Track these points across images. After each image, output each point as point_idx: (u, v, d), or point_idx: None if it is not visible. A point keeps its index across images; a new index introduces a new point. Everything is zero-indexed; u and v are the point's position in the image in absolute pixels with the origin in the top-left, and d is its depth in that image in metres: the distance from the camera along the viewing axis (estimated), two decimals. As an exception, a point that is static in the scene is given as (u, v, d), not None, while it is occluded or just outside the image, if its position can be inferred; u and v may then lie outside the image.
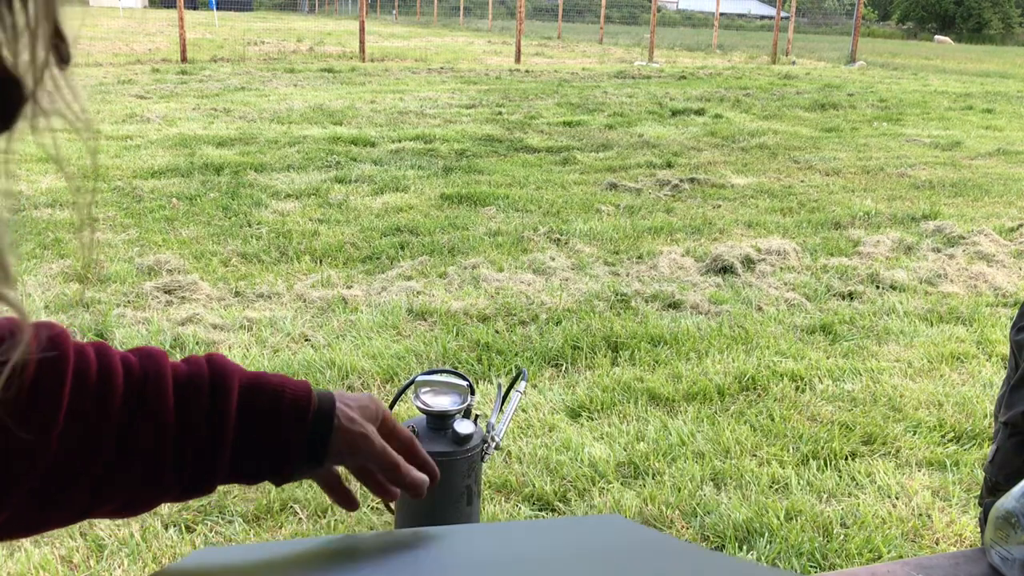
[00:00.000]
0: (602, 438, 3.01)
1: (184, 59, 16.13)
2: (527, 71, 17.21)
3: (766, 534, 2.50)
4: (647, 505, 2.63)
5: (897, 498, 2.73)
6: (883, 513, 2.64)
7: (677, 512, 2.60)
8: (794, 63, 22.24)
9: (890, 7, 71.18)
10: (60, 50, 0.35)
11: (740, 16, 65.30)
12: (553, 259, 4.87)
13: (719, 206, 6.31)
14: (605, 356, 3.67)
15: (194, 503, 2.49)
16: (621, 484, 2.75)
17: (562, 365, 3.60)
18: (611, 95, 12.89)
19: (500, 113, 10.57)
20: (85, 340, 3.50)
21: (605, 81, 15.51)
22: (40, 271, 4.25)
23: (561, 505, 2.62)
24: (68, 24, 0.36)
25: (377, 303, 4.17)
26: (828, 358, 3.73)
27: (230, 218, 5.52)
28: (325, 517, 2.50)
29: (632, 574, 0.61)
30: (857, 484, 2.79)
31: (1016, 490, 1.12)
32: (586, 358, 3.65)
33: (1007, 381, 1.61)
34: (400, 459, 0.71)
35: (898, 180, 7.44)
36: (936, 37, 50.48)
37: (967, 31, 58.85)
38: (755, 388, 3.43)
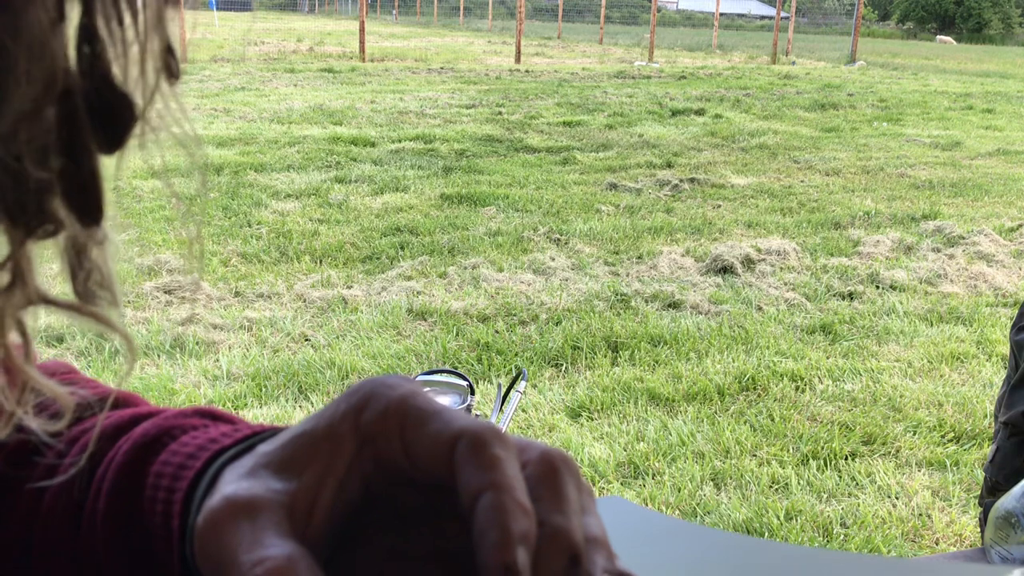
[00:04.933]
0: (602, 438, 3.01)
1: (184, 59, 16.12)
2: (527, 71, 17.21)
3: (766, 534, 2.50)
4: (647, 505, 2.63)
5: (897, 498, 2.73)
6: (883, 513, 2.64)
7: (677, 512, 2.61)
8: (794, 63, 22.24)
9: (890, 7, 71.20)
10: (170, 65, 0.34)
11: (740, 16, 65.33)
12: (553, 259, 4.87)
13: (719, 206, 6.31)
14: (605, 356, 3.67)
15: None
16: (621, 484, 2.75)
17: (562, 365, 3.60)
18: (611, 95, 12.89)
19: (500, 113, 10.57)
20: (85, 340, 3.47)
21: (605, 81, 15.51)
22: (40, 271, 4.25)
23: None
24: (175, 38, 0.34)
25: (377, 303, 4.17)
26: (828, 358, 3.73)
27: (230, 218, 5.53)
28: None
29: (636, 554, 0.61)
30: (857, 484, 2.79)
31: (1016, 490, 1.12)
32: (586, 358, 3.65)
33: (1007, 381, 1.61)
34: None
35: (898, 180, 7.44)
36: (938, 37, 50.49)
37: (967, 31, 58.86)
38: (755, 388, 3.43)
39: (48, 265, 0.35)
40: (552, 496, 0.33)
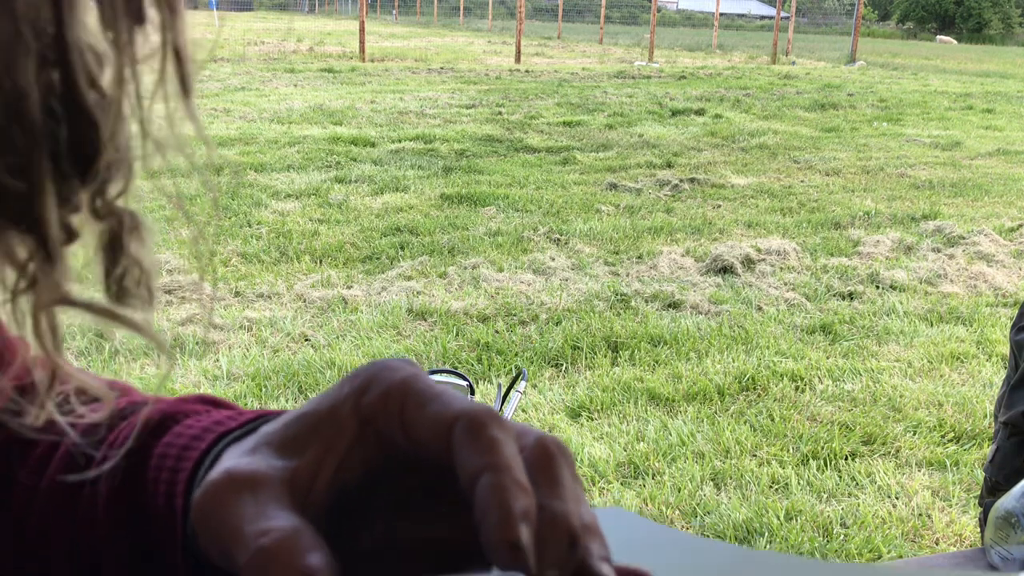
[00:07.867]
0: (602, 438, 3.01)
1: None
2: (527, 71, 17.21)
3: (766, 534, 2.50)
4: (647, 505, 2.63)
5: (897, 498, 2.73)
6: (883, 513, 2.64)
7: (677, 512, 2.61)
8: (794, 63, 22.24)
9: (890, 7, 71.22)
10: (184, 80, 0.34)
11: (740, 16, 65.35)
12: (553, 259, 4.87)
13: (719, 206, 6.31)
14: (605, 356, 3.67)
15: None
16: (621, 484, 2.75)
17: (562, 365, 3.60)
18: (611, 95, 12.89)
19: (500, 113, 10.57)
20: (84, 340, 3.46)
21: (605, 81, 15.51)
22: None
23: (561, 505, 2.62)
24: (191, 51, 0.33)
25: (377, 303, 4.17)
26: (828, 358, 3.73)
27: (230, 218, 5.53)
28: None
29: (636, 565, 0.61)
30: (857, 484, 2.79)
31: (1016, 490, 1.12)
32: (586, 358, 3.65)
33: (1007, 381, 1.61)
34: None
35: (898, 180, 7.44)
36: (939, 37, 50.49)
37: (967, 31, 58.87)
38: (755, 388, 3.43)
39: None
40: (548, 482, 0.33)
